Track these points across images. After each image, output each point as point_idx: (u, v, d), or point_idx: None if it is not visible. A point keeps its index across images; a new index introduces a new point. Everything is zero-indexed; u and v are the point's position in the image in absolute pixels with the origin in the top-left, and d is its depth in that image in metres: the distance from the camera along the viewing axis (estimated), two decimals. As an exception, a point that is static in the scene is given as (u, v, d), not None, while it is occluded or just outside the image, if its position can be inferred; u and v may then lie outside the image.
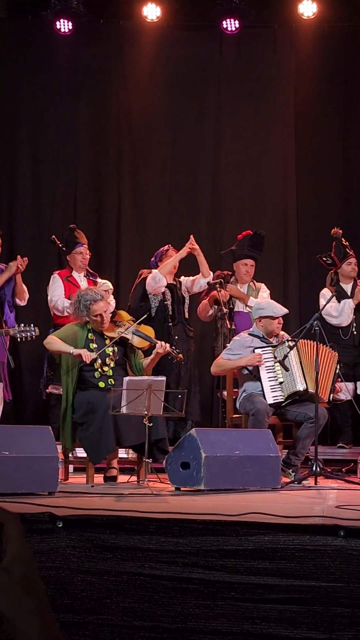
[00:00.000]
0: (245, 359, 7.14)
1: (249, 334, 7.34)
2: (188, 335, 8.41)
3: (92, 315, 6.86)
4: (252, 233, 8.61)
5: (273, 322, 7.26)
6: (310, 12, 9.56)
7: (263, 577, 4.04)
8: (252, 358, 7.09)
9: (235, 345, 7.29)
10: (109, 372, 6.82)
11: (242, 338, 7.33)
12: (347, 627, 3.92)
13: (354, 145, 9.88)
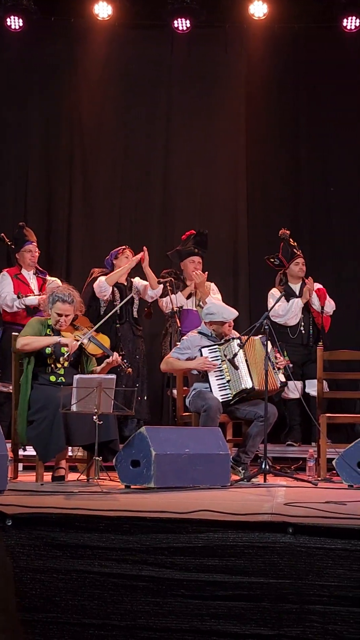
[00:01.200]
0: (194, 363, 7.17)
1: (198, 332, 7.37)
2: (136, 334, 8.43)
3: (55, 312, 6.87)
4: (196, 232, 8.66)
5: (223, 326, 7.30)
6: (260, 12, 9.60)
7: (212, 574, 4.08)
8: (201, 363, 7.12)
9: (185, 344, 7.31)
10: (60, 371, 6.82)
11: (191, 337, 7.36)
12: (295, 623, 3.97)
13: (304, 145, 9.95)
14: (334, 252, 9.81)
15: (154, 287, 8.35)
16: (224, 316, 7.29)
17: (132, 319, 8.43)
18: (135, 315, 8.47)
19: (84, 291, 8.37)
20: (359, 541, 4.01)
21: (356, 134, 9.79)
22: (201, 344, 7.22)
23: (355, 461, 6.55)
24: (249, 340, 7.11)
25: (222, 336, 7.31)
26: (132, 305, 8.44)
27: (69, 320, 6.95)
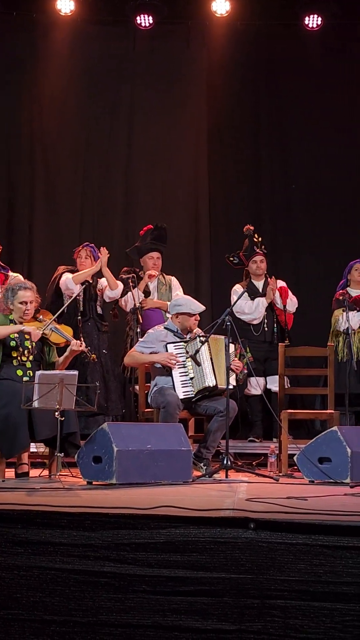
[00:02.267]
0: (158, 356, 7.18)
1: (164, 328, 7.38)
2: (100, 330, 8.43)
3: (17, 302, 6.84)
4: (153, 227, 8.66)
5: (190, 318, 7.31)
6: (223, 9, 9.63)
7: (174, 569, 4.09)
8: (165, 358, 7.13)
9: (150, 338, 7.32)
10: (28, 364, 6.79)
11: (156, 331, 7.37)
12: (257, 618, 4.00)
13: (265, 142, 10.00)
14: (296, 249, 9.88)
15: (113, 287, 8.34)
16: (192, 308, 7.31)
17: (95, 315, 8.43)
18: (99, 312, 8.46)
19: (49, 287, 8.37)
20: (320, 536, 4.04)
21: (317, 131, 9.85)
22: (166, 340, 7.23)
23: (316, 457, 6.60)
24: (214, 338, 7.14)
25: (188, 331, 7.32)
26: (96, 302, 8.43)
27: (33, 308, 6.91)
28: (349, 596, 3.97)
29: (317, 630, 3.95)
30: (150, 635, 4.02)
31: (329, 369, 7.75)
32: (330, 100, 9.85)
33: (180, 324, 7.32)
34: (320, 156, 9.87)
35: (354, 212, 9.79)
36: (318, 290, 9.39)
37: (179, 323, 7.32)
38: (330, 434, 6.65)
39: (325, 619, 3.97)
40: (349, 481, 6.40)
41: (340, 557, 4.01)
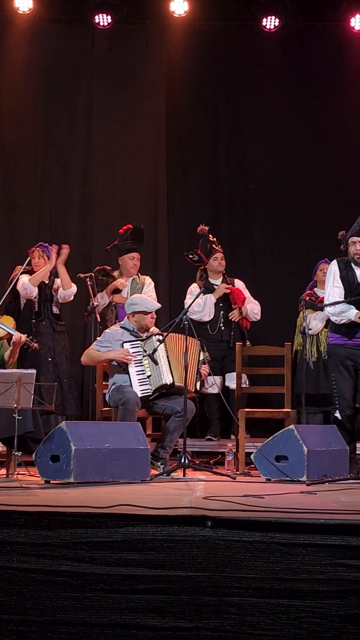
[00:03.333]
0: (113, 353, 7.19)
1: (120, 327, 7.40)
2: (56, 330, 8.40)
3: None
4: (133, 227, 8.67)
5: (146, 317, 7.33)
6: (181, 10, 9.63)
7: (132, 568, 4.10)
8: (120, 354, 7.15)
9: (107, 337, 7.33)
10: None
11: (113, 330, 7.38)
12: (213, 616, 4.02)
13: (223, 142, 10.02)
14: (253, 249, 9.92)
15: (66, 286, 8.31)
16: (147, 306, 7.34)
17: (51, 315, 8.40)
18: (55, 312, 8.43)
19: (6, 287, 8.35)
20: (276, 534, 4.07)
21: (274, 131, 9.91)
22: (123, 339, 7.25)
23: (273, 455, 6.66)
24: (174, 337, 7.16)
25: (145, 330, 7.34)
26: (52, 302, 8.40)
27: None
28: (305, 593, 4.00)
29: (274, 627, 3.98)
30: (108, 633, 4.02)
31: (286, 367, 7.81)
32: (288, 100, 9.91)
33: (136, 323, 7.34)
34: (278, 156, 9.93)
35: (312, 212, 9.85)
36: (274, 289, 9.44)
37: (135, 322, 7.34)
38: (287, 432, 6.71)
39: (282, 615, 4.00)
40: (305, 479, 6.46)
41: (296, 555, 4.05)
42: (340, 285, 7.12)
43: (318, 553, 4.04)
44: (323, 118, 9.87)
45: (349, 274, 7.13)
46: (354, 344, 7.01)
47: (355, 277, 7.11)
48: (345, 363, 7.06)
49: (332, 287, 7.14)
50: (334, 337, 7.16)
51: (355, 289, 7.07)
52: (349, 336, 7.04)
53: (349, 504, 5.15)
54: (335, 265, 7.21)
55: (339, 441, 6.90)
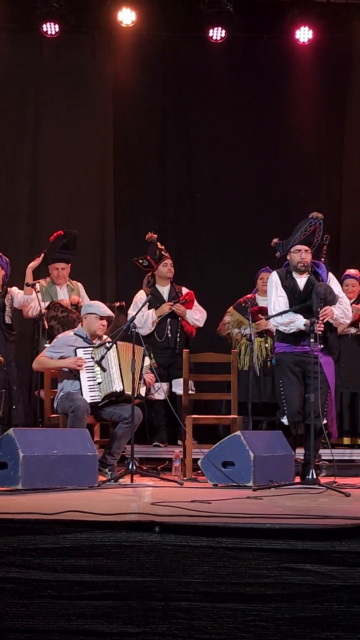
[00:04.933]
0: (66, 361, 7.20)
1: (73, 333, 7.40)
2: (8, 340, 8.35)
3: None
4: (63, 233, 8.64)
5: (97, 321, 7.34)
6: (129, 20, 9.66)
7: (80, 574, 4.10)
8: (73, 361, 7.15)
9: (59, 343, 7.34)
10: None
11: (65, 337, 7.39)
12: (161, 620, 4.04)
13: (170, 151, 10.09)
14: (199, 257, 9.99)
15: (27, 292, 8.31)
16: (100, 311, 7.36)
17: (3, 325, 8.35)
18: (7, 322, 8.38)
19: None
20: (223, 538, 4.10)
21: (221, 141, 10.00)
22: (75, 345, 7.26)
23: (220, 461, 6.71)
24: (125, 345, 7.19)
25: (96, 336, 7.36)
26: (4, 311, 8.36)
27: None
28: (251, 597, 4.03)
29: (220, 631, 4.01)
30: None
31: (232, 375, 7.87)
32: (234, 111, 10.00)
33: (87, 327, 7.36)
34: (225, 165, 10.01)
35: (258, 221, 9.96)
36: (222, 297, 9.50)
37: (86, 326, 7.36)
38: (233, 438, 6.76)
39: (228, 619, 4.03)
40: (252, 484, 6.52)
41: (242, 559, 4.07)
42: (283, 295, 7.18)
43: (264, 557, 4.07)
44: (268, 128, 10.00)
45: (290, 283, 7.19)
46: (301, 350, 7.08)
47: (297, 286, 7.19)
48: (294, 370, 7.13)
49: (277, 297, 7.20)
50: (281, 346, 7.23)
51: (299, 297, 7.14)
52: (295, 343, 7.12)
53: (294, 509, 5.21)
54: (276, 275, 7.26)
55: (285, 447, 6.97)
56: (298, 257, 7.16)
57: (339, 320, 7.13)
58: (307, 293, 7.08)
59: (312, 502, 5.73)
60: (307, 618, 4.01)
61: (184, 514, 4.63)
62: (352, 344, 8.61)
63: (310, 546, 4.08)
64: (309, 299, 7.01)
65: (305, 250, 7.15)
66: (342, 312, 7.12)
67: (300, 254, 7.15)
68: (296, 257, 7.17)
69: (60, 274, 8.56)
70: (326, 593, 4.03)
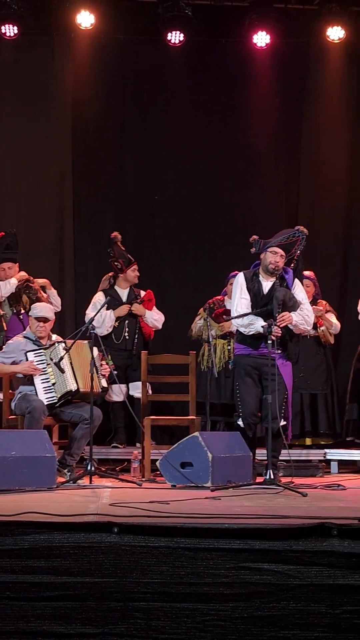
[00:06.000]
0: (19, 366, 7.21)
1: (23, 337, 7.41)
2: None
3: None
4: (5, 234, 8.62)
5: (34, 323, 7.38)
6: (87, 23, 9.64)
7: (38, 575, 4.09)
8: (27, 366, 7.16)
9: (10, 347, 7.34)
10: None
11: (16, 341, 7.39)
12: (120, 621, 4.04)
13: (130, 153, 10.11)
14: (159, 259, 10.02)
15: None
16: (35, 312, 7.39)
17: None
18: None
19: None
20: (182, 539, 4.11)
21: (179, 143, 10.03)
22: (26, 348, 7.26)
23: (178, 462, 6.74)
24: (75, 344, 7.20)
25: (45, 338, 7.37)
26: None
27: None
28: (209, 596, 4.05)
29: (179, 631, 4.01)
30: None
31: (190, 376, 7.90)
32: (192, 114, 10.05)
33: (31, 329, 7.38)
34: (184, 168, 10.05)
35: (217, 223, 10.02)
36: (180, 299, 9.55)
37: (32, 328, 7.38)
38: (191, 439, 6.80)
39: (187, 619, 4.03)
40: (210, 485, 6.56)
41: (200, 559, 4.08)
42: (247, 297, 7.23)
43: (222, 557, 4.09)
44: (227, 131, 10.05)
45: (255, 285, 7.24)
46: (259, 353, 7.13)
47: (262, 289, 7.24)
48: (251, 372, 7.18)
49: (239, 299, 7.25)
50: (240, 348, 7.28)
51: (261, 301, 7.19)
52: (254, 346, 7.17)
53: (252, 509, 5.26)
54: (242, 277, 7.31)
55: (243, 447, 7.02)
56: (272, 258, 7.17)
57: (299, 326, 7.17)
58: (270, 297, 7.13)
59: (269, 502, 5.78)
60: (265, 617, 4.03)
61: (143, 515, 4.64)
62: (311, 345, 8.68)
63: (268, 546, 4.10)
64: (271, 303, 7.06)
65: (281, 255, 7.17)
66: (302, 318, 7.16)
67: (276, 256, 7.17)
68: (270, 259, 7.18)
69: (7, 274, 8.53)
70: (283, 592, 4.05)
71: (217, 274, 9.12)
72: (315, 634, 4.01)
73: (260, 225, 9.18)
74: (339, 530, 4.11)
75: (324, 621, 4.01)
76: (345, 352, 9.33)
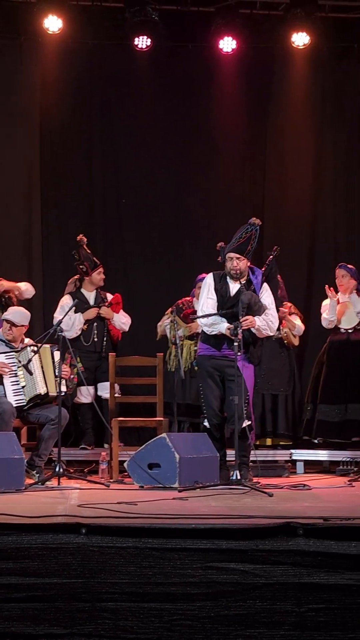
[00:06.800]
0: (-12, 365, 7.22)
1: (-5, 338, 7.43)
2: None
3: None
4: None
5: (5, 325, 7.37)
6: (55, 27, 9.60)
7: (6, 577, 4.08)
8: (-4, 365, 7.19)
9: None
10: None
11: (-13, 342, 7.40)
12: (87, 621, 4.05)
13: (97, 157, 10.12)
14: (126, 262, 10.05)
15: None
16: (16, 319, 7.38)
17: None
18: None
19: None
20: (149, 539, 4.13)
21: (147, 147, 10.06)
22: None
23: (146, 463, 6.78)
24: (44, 348, 7.22)
25: (18, 341, 7.38)
26: None
27: None
28: (177, 596, 4.06)
29: (147, 631, 4.03)
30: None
31: (158, 378, 7.95)
32: (160, 117, 10.07)
33: (9, 334, 7.39)
34: (150, 172, 10.09)
35: (182, 226, 10.07)
36: (147, 301, 9.58)
37: (8, 333, 7.38)
38: (159, 440, 6.84)
39: (154, 619, 4.05)
40: (177, 485, 6.60)
41: (168, 559, 4.10)
42: (213, 297, 7.29)
43: (190, 557, 4.11)
44: (194, 135, 10.11)
45: (222, 287, 7.30)
46: (221, 354, 7.19)
47: (229, 291, 7.29)
48: (213, 374, 7.24)
49: (206, 299, 7.32)
50: (203, 348, 7.34)
51: (228, 302, 7.24)
52: (217, 347, 7.22)
53: (219, 509, 5.31)
54: (211, 278, 7.38)
55: (210, 448, 7.07)
56: (230, 265, 7.26)
57: (262, 331, 7.23)
58: (237, 299, 7.18)
59: (236, 502, 5.83)
60: (231, 616, 4.05)
61: (110, 516, 4.67)
62: (274, 346, 8.74)
63: (235, 545, 4.13)
64: (236, 306, 7.12)
65: (237, 258, 7.22)
66: (265, 323, 7.21)
67: (232, 261, 7.23)
68: (228, 265, 7.27)
69: None
70: (250, 591, 4.08)
71: (184, 277, 9.18)
72: (281, 632, 4.04)
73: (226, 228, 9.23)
74: (304, 530, 4.15)
75: (289, 620, 4.04)
76: (311, 354, 9.42)
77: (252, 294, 7.18)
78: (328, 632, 4.04)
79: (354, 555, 4.12)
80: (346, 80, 10.32)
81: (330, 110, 10.31)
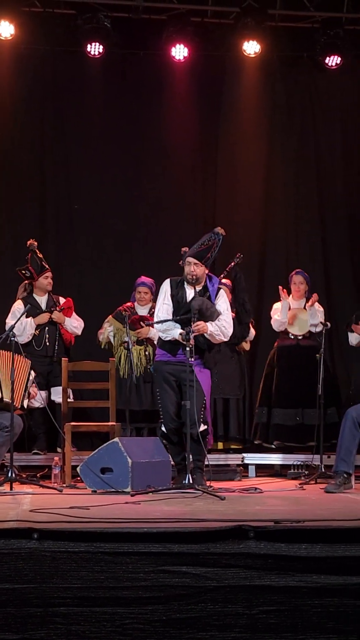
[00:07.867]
0: None
1: None
2: None
3: None
4: None
5: None
6: (7, 33, 9.59)
7: None
8: None
9: None
10: None
11: None
12: (40, 626, 4.05)
13: (50, 163, 10.12)
14: (78, 266, 10.06)
15: None
16: None
17: None
18: None
19: None
20: (101, 543, 4.14)
21: (98, 153, 10.09)
22: None
23: (99, 467, 6.79)
24: (3, 353, 7.21)
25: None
26: None
27: None
28: (129, 600, 4.08)
29: (99, 635, 4.03)
30: None
31: (111, 382, 7.97)
32: (112, 124, 10.11)
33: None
34: (102, 177, 10.11)
35: (133, 231, 10.10)
36: (100, 306, 9.58)
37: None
38: (111, 445, 6.86)
39: (107, 623, 4.05)
40: (130, 490, 6.62)
41: (120, 563, 4.12)
42: (169, 303, 7.33)
43: (141, 561, 4.13)
44: (146, 142, 10.15)
45: (179, 293, 7.34)
46: (177, 360, 7.23)
47: (185, 297, 7.34)
48: (169, 379, 7.27)
49: (162, 304, 7.35)
50: (160, 353, 7.37)
51: (183, 308, 7.29)
52: (172, 353, 7.26)
53: (171, 513, 5.34)
54: (167, 284, 7.42)
55: (162, 453, 7.10)
56: (187, 269, 7.31)
57: (215, 336, 7.27)
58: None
59: (188, 506, 5.86)
60: (183, 619, 4.07)
61: (63, 520, 4.67)
62: (225, 351, 8.79)
63: (186, 549, 4.16)
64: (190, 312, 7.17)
65: (195, 264, 7.27)
66: (218, 329, 7.25)
67: (190, 266, 7.28)
68: (186, 269, 7.32)
69: None
70: (201, 594, 4.10)
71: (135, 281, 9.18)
72: (232, 634, 4.07)
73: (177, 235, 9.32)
74: (255, 533, 4.18)
75: (240, 622, 4.08)
76: (261, 358, 9.49)
77: (204, 300, 7.22)
78: (279, 634, 4.08)
79: (304, 558, 4.16)
80: (296, 88, 10.45)
81: (280, 118, 10.42)
